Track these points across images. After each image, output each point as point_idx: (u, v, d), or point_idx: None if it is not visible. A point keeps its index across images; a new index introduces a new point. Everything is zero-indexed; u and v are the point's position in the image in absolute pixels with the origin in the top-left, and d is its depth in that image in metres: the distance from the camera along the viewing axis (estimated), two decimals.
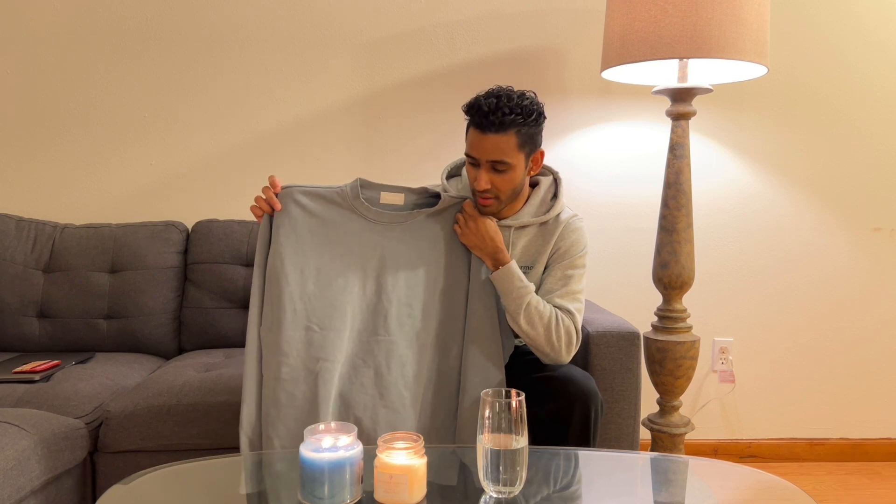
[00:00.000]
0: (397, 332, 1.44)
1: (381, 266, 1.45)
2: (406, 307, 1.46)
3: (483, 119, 1.41)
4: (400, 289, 1.46)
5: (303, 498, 1.02)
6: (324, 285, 1.43)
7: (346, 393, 1.42)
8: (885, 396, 2.44)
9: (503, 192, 1.48)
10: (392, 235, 1.46)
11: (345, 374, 1.43)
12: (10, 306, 2.02)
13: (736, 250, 2.39)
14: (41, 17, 2.23)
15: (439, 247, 1.48)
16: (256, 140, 2.30)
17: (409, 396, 1.43)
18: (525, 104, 1.43)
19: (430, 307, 1.47)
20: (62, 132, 2.26)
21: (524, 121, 1.42)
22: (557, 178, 1.62)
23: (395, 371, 1.43)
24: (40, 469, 1.37)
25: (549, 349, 1.46)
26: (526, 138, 1.45)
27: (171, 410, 1.61)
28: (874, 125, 2.36)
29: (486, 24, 2.30)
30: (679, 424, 1.96)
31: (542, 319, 1.45)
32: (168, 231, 2.14)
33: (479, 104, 1.43)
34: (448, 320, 1.47)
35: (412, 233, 1.47)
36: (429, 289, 1.47)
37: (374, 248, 1.45)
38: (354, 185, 1.47)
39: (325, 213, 1.45)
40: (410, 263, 1.46)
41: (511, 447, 1.03)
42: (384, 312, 1.44)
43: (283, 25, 2.27)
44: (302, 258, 1.43)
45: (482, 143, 1.43)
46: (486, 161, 1.44)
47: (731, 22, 1.68)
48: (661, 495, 1.14)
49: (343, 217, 1.45)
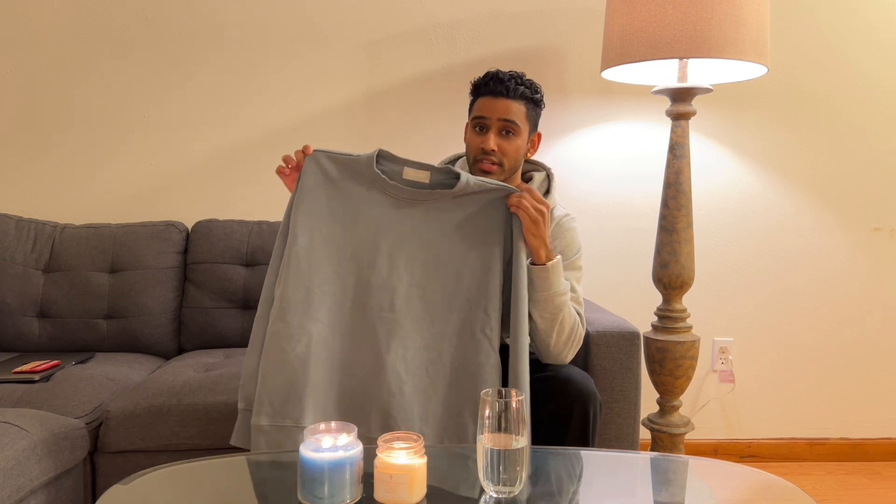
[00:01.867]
0: (403, 312, 1.39)
1: (396, 242, 1.40)
2: (418, 288, 1.40)
3: (498, 84, 1.52)
4: (414, 268, 1.40)
5: (303, 498, 1.02)
6: (331, 251, 1.39)
7: (343, 364, 1.38)
8: (885, 396, 2.44)
9: (507, 158, 1.52)
10: (412, 213, 1.40)
11: (347, 346, 1.38)
12: (10, 306, 2.02)
13: (736, 250, 2.39)
14: (41, 17, 2.23)
15: (467, 230, 1.40)
16: (256, 140, 2.30)
17: (409, 381, 1.37)
18: (532, 81, 1.57)
19: (452, 293, 1.39)
20: (62, 132, 2.27)
21: (531, 94, 1.55)
22: (550, 174, 1.66)
23: (395, 353, 1.37)
24: (40, 469, 1.37)
25: (558, 350, 1.46)
26: (531, 111, 1.56)
27: (171, 410, 1.61)
28: (874, 125, 2.36)
29: (486, 24, 2.30)
30: (679, 424, 1.96)
31: (568, 322, 1.45)
32: (168, 231, 2.14)
33: (493, 73, 1.55)
34: (475, 310, 1.39)
35: (437, 215, 1.41)
36: (451, 273, 1.40)
37: (391, 223, 1.40)
38: (370, 156, 1.40)
39: (346, 180, 1.41)
40: (429, 244, 1.40)
41: (511, 447, 1.03)
42: (391, 289, 1.39)
43: (283, 25, 2.27)
44: (314, 221, 1.39)
45: (495, 105, 1.53)
46: (497, 120, 1.52)
47: (730, 22, 1.68)
48: (661, 495, 1.14)
49: (363, 188, 1.40)
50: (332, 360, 1.38)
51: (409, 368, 1.38)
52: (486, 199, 1.40)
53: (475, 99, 1.58)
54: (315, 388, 1.35)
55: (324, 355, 1.37)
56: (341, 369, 1.38)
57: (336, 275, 1.39)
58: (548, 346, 1.46)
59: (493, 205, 1.41)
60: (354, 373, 1.38)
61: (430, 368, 1.39)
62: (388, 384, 1.37)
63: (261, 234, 2.13)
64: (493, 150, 1.51)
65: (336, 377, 1.38)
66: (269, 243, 2.11)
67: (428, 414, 1.38)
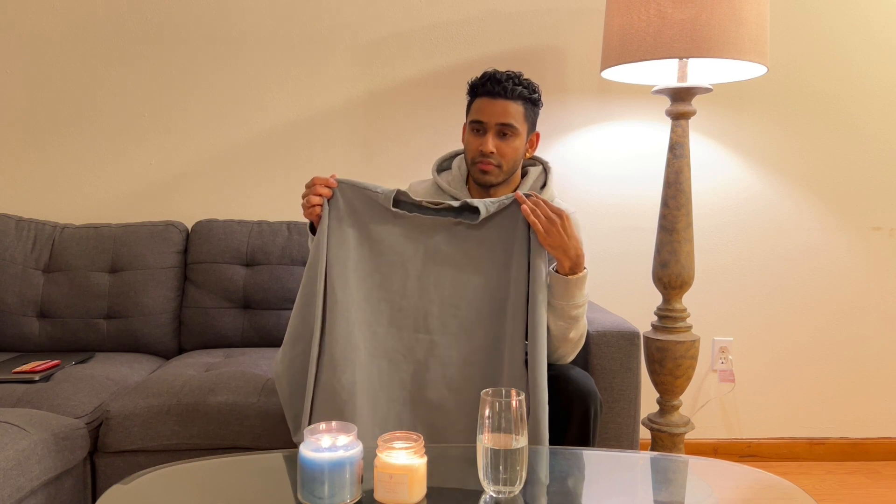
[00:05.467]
0: (439, 332, 1.41)
1: (423, 265, 1.42)
2: (451, 307, 1.42)
3: (496, 85, 1.52)
4: (444, 288, 1.42)
5: (303, 498, 1.02)
6: (360, 279, 1.41)
7: (385, 387, 1.40)
8: (884, 396, 2.44)
9: (506, 160, 1.53)
10: (435, 236, 1.43)
11: (385, 370, 1.40)
12: (10, 306, 2.02)
13: (736, 250, 2.39)
14: (41, 18, 2.23)
15: (493, 248, 1.42)
16: (256, 140, 2.30)
17: (451, 397, 1.39)
18: (529, 80, 1.57)
19: (485, 308, 1.41)
20: (62, 132, 2.27)
21: (529, 94, 1.55)
22: (547, 168, 1.67)
23: (435, 371, 1.40)
24: (40, 469, 1.37)
25: (561, 353, 1.47)
26: (529, 112, 1.56)
27: (171, 410, 1.61)
28: (874, 125, 2.36)
29: (486, 23, 2.30)
30: (679, 424, 1.96)
31: (582, 330, 1.46)
32: (168, 231, 2.14)
33: (490, 74, 1.55)
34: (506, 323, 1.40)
35: (458, 236, 1.43)
36: (481, 289, 1.42)
37: (416, 246, 1.42)
38: (387, 195, 1.42)
39: (367, 210, 1.42)
40: (456, 263, 1.42)
41: (511, 447, 1.03)
42: (424, 311, 1.41)
43: (282, 25, 2.27)
44: (344, 251, 1.41)
45: (492, 107, 1.53)
46: (494, 124, 1.53)
47: (730, 21, 1.68)
48: (661, 495, 1.14)
49: (385, 217, 1.42)
50: (371, 385, 1.39)
51: (450, 385, 1.40)
52: (507, 214, 1.42)
53: (472, 100, 1.58)
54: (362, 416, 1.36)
55: (365, 382, 1.38)
56: (381, 392, 1.40)
57: (367, 302, 1.41)
58: (554, 350, 1.47)
59: (513, 217, 1.42)
60: (396, 396, 1.40)
61: (471, 383, 1.40)
62: (431, 401, 1.39)
63: (261, 234, 2.13)
64: (492, 153, 1.52)
65: (378, 401, 1.39)
66: (269, 243, 2.11)
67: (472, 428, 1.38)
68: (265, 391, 1.66)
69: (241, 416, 1.61)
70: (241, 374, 1.73)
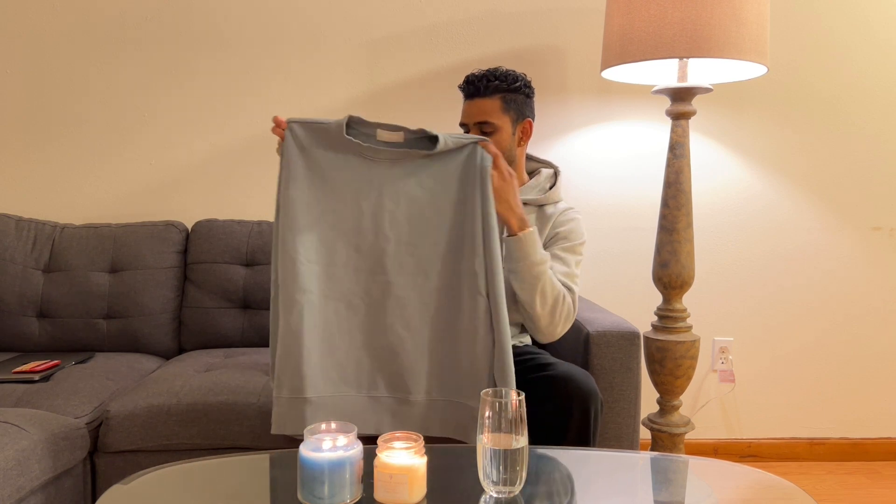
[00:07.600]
0: (395, 272, 1.38)
1: (378, 203, 1.38)
2: (408, 246, 1.38)
3: (469, 86, 1.60)
4: (400, 227, 1.39)
5: (303, 498, 1.02)
6: (313, 219, 1.39)
7: (345, 332, 1.38)
8: (885, 396, 2.44)
9: None
10: (391, 173, 1.38)
11: (343, 312, 1.39)
12: (10, 306, 2.02)
13: (736, 250, 2.39)
14: (41, 17, 2.23)
15: (450, 186, 1.38)
16: (256, 140, 2.30)
17: (410, 338, 1.37)
18: (508, 72, 1.60)
19: (442, 247, 1.38)
20: (61, 132, 2.27)
21: (507, 87, 1.58)
22: (557, 172, 1.72)
23: (393, 312, 1.38)
24: (40, 469, 1.37)
25: (547, 322, 1.49)
26: (510, 103, 1.59)
27: (171, 410, 1.61)
28: (874, 124, 2.36)
29: (486, 23, 2.30)
30: (679, 424, 1.96)
31: (553, 292, 1.47)
32: (168, 231, 2.14)
33: (467, 77, 1.62)
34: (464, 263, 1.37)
35: (415, 171, 1.38)
36: (438, 227, 1.38)
37: (370, 184, 1.39)
38: (340, 123, 1.38)
39: (319, 147, 1.39)
40: (413, 201, 1.39)
41: (511, 447, 1.03)
42: (380, 251, 1.38)
43: (283, 25, 2.27)
44: (294, 191, 1.39)
45: (470, 108, 1.61)
46: (473, 124, 1.60)
47: (730, 21, 1.68)
48: (661, 495, 1.14)
49: (337, 153, 1.39)
50: (328, 328, 1.38)
51: (408, 325, 1.38)
52: (465, 154, 1.39)
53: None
54: (311, 358, 1.36)
55: (318, 324, 1.37)
56: (339, 336, 1.39)
57: (321, 243, 1.39)
58: (536, 320, 1.48)
59: (470, 157, 1.39)
60: (353, 337, 1.39)
61: (430, 323, 1.39)
62: (390, 343, 1.38)
63: (261, 234, 2.13)
64: None
65: (334, 344, 1.38)
66: (269, 243, 2.11)
67: (434, 368, 1.39)
68: (265, 391, 1.66)
69: (241, 416, 1.61)
70: (241, 374, 1.73)
